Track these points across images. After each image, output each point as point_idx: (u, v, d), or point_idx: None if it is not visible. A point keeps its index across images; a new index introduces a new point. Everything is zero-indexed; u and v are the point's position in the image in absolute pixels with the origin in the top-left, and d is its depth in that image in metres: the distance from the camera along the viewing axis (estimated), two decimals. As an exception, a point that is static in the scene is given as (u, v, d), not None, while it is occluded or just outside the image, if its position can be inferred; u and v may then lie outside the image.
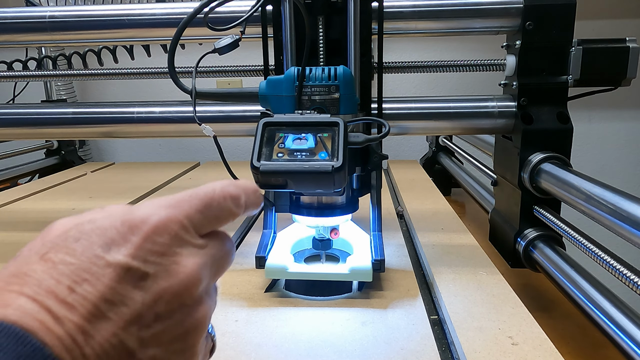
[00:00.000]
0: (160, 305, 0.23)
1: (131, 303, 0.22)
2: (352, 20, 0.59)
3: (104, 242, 0.22)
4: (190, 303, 0.24)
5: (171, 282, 0.23)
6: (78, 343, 0.20)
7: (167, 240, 0.24)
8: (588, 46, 0.63)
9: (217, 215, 0.27)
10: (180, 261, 0.24)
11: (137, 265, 0.22)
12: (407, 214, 0.90)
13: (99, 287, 0.21)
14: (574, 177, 0.56)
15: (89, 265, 0.22)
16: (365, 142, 0.50)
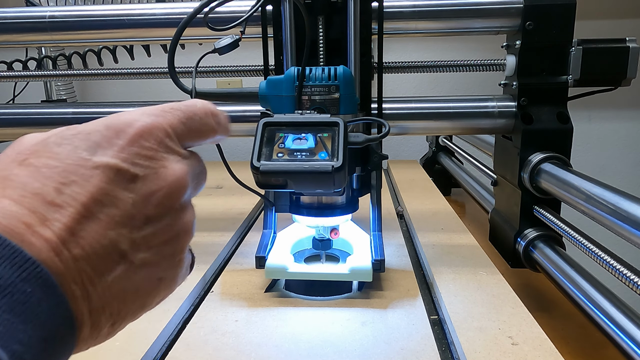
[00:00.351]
0: (150, 207, 0.22)
1: (121, 204, 0.21)
2: (352, 20, 0.59)
3: (89, 146, 0.22)
4: (178, 207, 0.24)
5: (160, 184, 0.23)
6: (67, 244, 0.19)
7: (154, 145, 0.24)
8: (588, 46, 0.63)
9: (198, 128, 0.27)
10: (167, 165, 0.24)
11: (126, 167, 0.22)
12: (407, 214, 0.90)
13: (88, 187, 0.21)
14: (574, 177, 0.56)
15: (75, 168, 0.21)
16: (365, 142, 0.50)
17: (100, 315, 0.21)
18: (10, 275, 0.17)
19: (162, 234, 0.23)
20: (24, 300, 0.17)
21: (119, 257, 0.21)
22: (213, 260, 0.67)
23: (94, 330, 0.21)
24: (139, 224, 0.22)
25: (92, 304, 0.20)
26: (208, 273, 0.65)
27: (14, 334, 0.17)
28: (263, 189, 0.50)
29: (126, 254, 0.21)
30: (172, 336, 0.51)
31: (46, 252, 0.19)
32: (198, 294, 0.60)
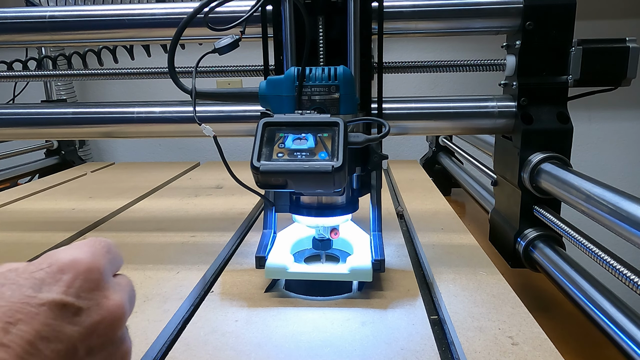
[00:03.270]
0: (94, 338, 0.23)
1: (66, 338, 0.22)
2: (352, 20, 0.59)
3: (33, 284, 0.23)
4: (118, 337, 0.25)
5: (103, 314, 0.24)
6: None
7: (98, 277, 0.25)
8: (588, 46, 0.63)
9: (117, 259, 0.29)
10: (109, 295, 0.25)
11: (71, 301, 0.23)
12: (407, 214, 0.90)
13: (34, 325, 0.21)
14: (574, 177, 0.56)
15: (21, 306, 0.22)
16: (365, 142, 0.50)
17: None
18: None
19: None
20: None
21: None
22: (213, 260, 0.67)
23: None
24: (82, 355, 0.23)
25: None
26: (208, 273, 0.65)
27: None
28: (263, 189, 0.50)
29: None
30: (172, 336, 0.51)
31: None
32: (198, 294, 0.60)
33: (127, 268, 0.65)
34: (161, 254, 0.71)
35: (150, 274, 0.64)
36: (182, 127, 0.74)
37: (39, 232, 0.82)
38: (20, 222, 0.91)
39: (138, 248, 0.74)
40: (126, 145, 1.86)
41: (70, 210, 0.98)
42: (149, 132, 0.76)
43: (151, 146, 1.84)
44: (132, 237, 0.80)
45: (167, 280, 0.61)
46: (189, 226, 0.83)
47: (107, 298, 0.25)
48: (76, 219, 0.89)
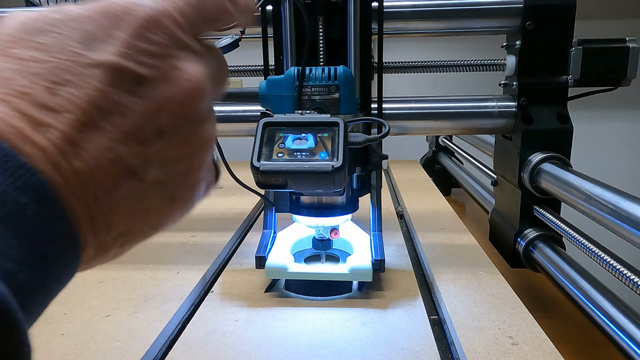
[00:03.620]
0: (163, 117, 0.19)
1: (128, 112, 0.18)
2: (352, 20, 0.59)
3: (83, 37, 0.18)
4: (195, 118, 0.20)
5: (174, 90, 0.19)
6: (66, 155, 0.16)
7: (162, 39, 0.19)
8: (588, 46, 0.63)
9: (212, 13, 0.21)
10: (181, 66, 0.19)
11: (130, 67, 0.18)
12: (407, 214, 0.90)
13: (87, 90, 0.17)
14: (574, 177, 0.56)
15: (69, 65, 0.17)
16: (365, 142, 0.50)
17: (105, 235, 0.18)
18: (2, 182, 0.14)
19: (176, 149, 0.20)
20: (17, 212, 0.14)
21: (128, 173, 0.18)
22: (213, 260, 0.67)
23: (99, 251, 0.18)
24: (149, 136, 0.18)
25: (96, 223, 0.17)
26: (208, 273, 0.65)
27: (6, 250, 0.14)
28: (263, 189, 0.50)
29: (135, 171, 0.18)
30: (172, 336, 0.51)
31: (42, 162, 0.16)
32: (198, 294, 0.60)
33: (127, 268, 0.65)
34: (161, 254, 0.71)
35: (150, 274, 0.64)
36: (182, 127, 0.74)
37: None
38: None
39: (138, 248, 0.74)
40: (126, 145, 1.86)
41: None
42: (149, 132, 0.76)
43: (151, 146, 1.84)
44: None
45: (167, 280, 0.61)
46: (189, 226, 0.83)
47: (177, 69, 0.19)
48: (76, 219, 0.89)
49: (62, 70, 0.17)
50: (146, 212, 0.19)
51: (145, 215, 0.19)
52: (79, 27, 0.18)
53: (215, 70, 0.22)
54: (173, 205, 0.21)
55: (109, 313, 0.53)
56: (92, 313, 0.53)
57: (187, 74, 0.19)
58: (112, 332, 0.49)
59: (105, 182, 0.17)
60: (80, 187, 0.17)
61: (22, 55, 0.17)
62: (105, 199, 0.18)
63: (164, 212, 0.20)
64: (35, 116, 0.16)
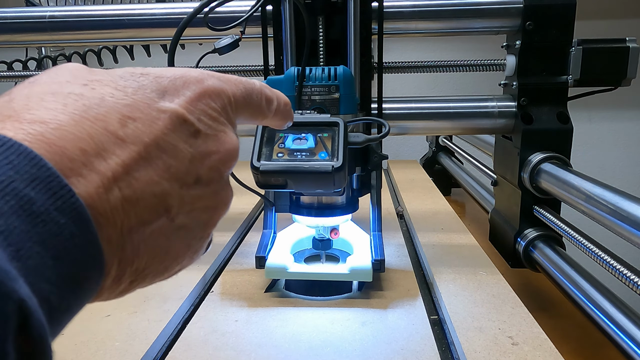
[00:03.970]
0: (204, 168, 0.21)
1: (180, 156, 0.20)
2: (352, 20, 0.59)
3: (157, 88, 0.20)
4: (225, 177, 0.23)
5: (218, 148, 0.22)
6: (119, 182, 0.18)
7: (218, 107, 0.22)
8: (588, 46, 0.63)
9: (252, 107, 0.25)
10: (227, 132, 0.23)
11: (192, 120, 0.21)
12: (407, 214, 0.90)
13: (153, 129, 0.19)
14: (574, 177, 0.56)
15: (142, 105, 0.19)
16: (365, 142, 0.50)
17: (126, 267, 0.19)
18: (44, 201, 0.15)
19: (206, 200, 0.22)
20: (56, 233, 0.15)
21: (164, 210, 0.20)
22: (213, 260, 0.67)
23: (114, 283, 0.19)
24: (190, 181, 0.21)
25: (124, 253, 0.18)
26: (208, 273, 0.65)
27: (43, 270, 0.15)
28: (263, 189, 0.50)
29: (170, 210, 0.20)
30: (172, 336, 0.51)
31: (93, 185, 0.17)
32: (198, 294, 0.60)
33: (127, 268, 0.65)
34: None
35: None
36: (182, 127, 0.74)
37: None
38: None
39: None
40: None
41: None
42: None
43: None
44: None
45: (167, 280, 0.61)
46: (189, 226, 0.83)
47: (225, 133, 0.22)
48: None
49: (135, 108, 0.19)
50: (166, 253, 0.21)
51: (164, 255, 0.21)
52: (156, 81, 0.21)
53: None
54: (187, 252, 0.22)
55: (109, 313, 0.53)
56: (92, 313, 0.53)
57: (230, 138, 0.23)
58: (112, 332, 0.49)
59: (143, 215, 0.19)
60: (121, 215, 0.18)
61: (101, 90, 0.19)
62: (139, 231, 0.19)
63: (179, 257, 0.22)
64: (104, 142, 0.17)
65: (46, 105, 0.17)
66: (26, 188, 0.15)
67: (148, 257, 0.20)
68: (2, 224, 0.14)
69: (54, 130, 0.16)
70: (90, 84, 0.19)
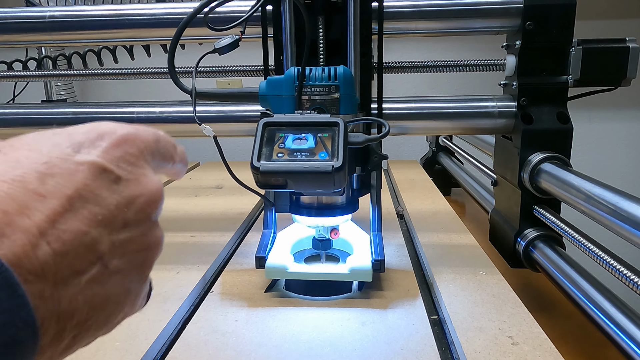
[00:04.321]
0: (131, 212, 0.22)
1: (104, 203, 0.21)
2: (352, 20, 0.59)
3: (72, 144, 0.21)
4: (154, 218, 0.24)
5: (142, 190, 0.23)
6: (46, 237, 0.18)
7: (135, 152, 0.23)
8: (588, 46, 0.63)
9: (163, 152, 0.27)
10: (148, 175, 0.24)
11: (110, 167, 0.21)
12: (407, 214, 0.90)
13: (72, 181, 0.20)
14: (574, 177, 0.56)
15: (59, 161, 0.20)
16: (365, 142, 0.50)
17: (67, 322, 0.19)
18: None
19: (136, 242, 0.23)
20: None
21: (96, 258, 0.20)
22: (213, 260, 0.67)
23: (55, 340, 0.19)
24: (118, 226, 0.21)
25: (62, 306, 0.19)
26: (208, 273, 0.65)
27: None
28: (263, 189, 0.50)
29: (103, 256, 0.20)
30: (172, 336, 0.51)
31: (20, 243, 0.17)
32: (198, 294, 0.60)
33: (127, 268, 0.65)
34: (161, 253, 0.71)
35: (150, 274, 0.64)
36: (182, 127, 0.74)
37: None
38: (20, 222, 0.90)
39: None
40: (126, 145, 1.86)
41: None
42: (149, 132, 0.76)
43: (151, 146, 1.84)
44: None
45: (167, 280, 0.61)
46: (188, 226, 0.83)
47: (146, 176, 0.23)
48: (76, 219, 0.89)
49: (53, 165, 0.20)
50: (105, 301, 0.21)
51: (104, 303, 0.21)
52: (70, 137, 0.22)
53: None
54: (127, 297, 0.23)
55: (109, 313, 0.53)
56: (92, 313, 0.53)
57: (152, 180, 0.24)
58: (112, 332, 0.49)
59: (76, 265, 0.19)
60: (52, 268, 0.18)
61: (19, 155, 0.20)
62: (73, 283, 0.19)
63: (120, 302, 0.23)
64: (25, 201, 0.18)
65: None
66: None
67: (88, 308, 0.20)
68: None
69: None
70: (3, 149, 0.20)
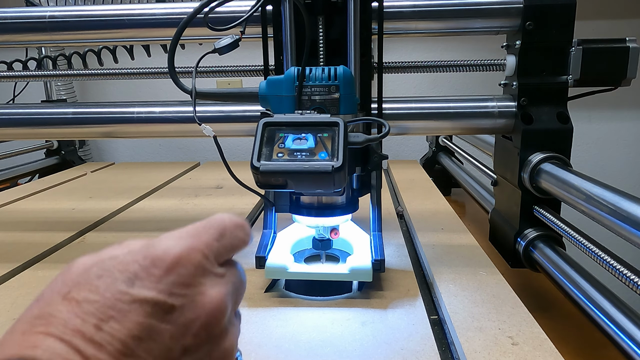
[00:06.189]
0: (188, 338, 0.22)
1: (159, 338, 0.21)
2: (352, 20, 0.59)
3: (127, 277, 0.22)
4: (217, 333, 0.24)
5: (198, 313, 0.23)
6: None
7: (191, 271, 0.23)
8: (588, 46, 0.63)
9: (231, 243, 0.26)
10: (205, 291, 0.24)
11: (163, 299, 0.22)
12: (407, 214, 0.90)
13: (126, 324, 0.21)
14: (574, 177, 0.56)
15: (114, 302, 0.21)
16: (365, 142, 0.50)
17: None
18: None
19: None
20: None
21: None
22: (213, 260, 0.67)
23: None
24: (176, 355, 0.22)
25: None
26: (208, 273, 0.64)
27: None
28: (263, 189, 0.50)
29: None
30: (172, 336, 0.50)
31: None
32: (198, 294, 0.60)
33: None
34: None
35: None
36: (182, 127, 0.74)
37: (39, 232, 0.82)
38: (20, 222, 0.91)
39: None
40: (126, 145, 1.86)
41: (70, 210, 0.98)
42: (149, 132, 0.76)
43: (151, 146, 1.84)
44: (132, 237, 0.80)
45: (167, 280, 0.61)
46: (189, 226, 0.82)
47: (202, 294, 0.23)
48: (76, 219, 0.89)
49: (108, 307, 0.21)
50: None
51: None
52: (126, 269, 0.22)
53: (236, 284, 0.26)
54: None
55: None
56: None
57: (210, 297, 0.23)
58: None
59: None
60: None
61: (78, 297, 0.21)
62: None
63: None
64: (85, 351, 0.20)
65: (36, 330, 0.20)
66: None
67: None
68: None
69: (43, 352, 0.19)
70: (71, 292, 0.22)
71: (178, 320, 0.22)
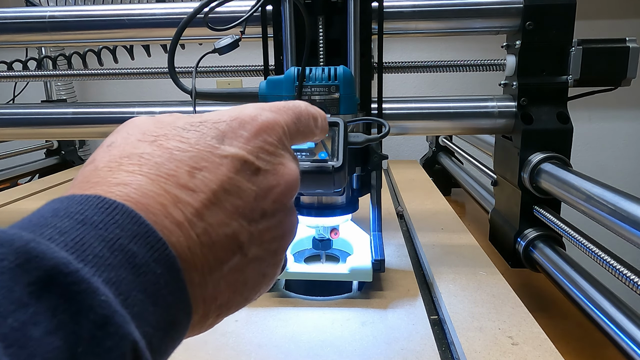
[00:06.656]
0: (268, 202, 0.23)
1: (245, 196, 0.22)
2: (352, 20, 0.59)
3: (216, 134, 0.22)
4: (289, 206, 0.24)
5: (279, 180, 0.23)
6: (195, 229, 0.20)
7: (275, 141, 0.24)
8: (588, 46, 0.63)
9: (303, 130, 0.27)
10: (285, 163, 0.24)
11: (251, 159, 0.22)
12: (407, 214, 0.90)
13: (218, 175, 0.21)
14: (574, 177, 0.56)
15: (206, 154, 0.21)
16: (365, 142, 0.50)
17: (211, 304, 0.21)
18: (144, 254, 0.17)
19: (273, 231, 0.23)
20: (154, 282, 0.17)
21: (237, 247, 0.21)
22: (213, 260, 0.67)
23: (202, 319, 0.21)
24: (257, 217, 0.22)
25: (207, 292, 0.20)
26: (208, 273, 0.64)
27: (146, 316, 0.17)
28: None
29: (243, 246, 0.22)
30: (172, 336, 0.50)
31: (176, 235, 0.19)
32: (198, 294, 0.60)
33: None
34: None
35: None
36: (182, 127, 0.74)
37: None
38: (20, 222, 0.90)
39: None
40: (126, 145, 1.86)
41: (70, 210, 0.98)
42: (149, 132, 0.76)
43: (151, 146, 1.84)
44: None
45: (167, 280, 0.61)
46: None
47: (283, 165, 0.24)
48: (76, 219, 0.89)
49: (200, 158, 0.21)
50: (243, 285, 0.23)
51: (242, 287, 0.23)
52: (214, 127, 0.22)
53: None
54: (263, 280, 0.24)
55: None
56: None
57: (289, 169, 0.24)
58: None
59: (220, 255, 0.21)
60: (201, 259, 0.20)
61: (168, 145, 0.21)
62: (217, 271, 0.21)
63: (256, 286, 0.24)
64: (178, 195, 0.20)
65: (125, 169, 0.20)
66: (130, 243, 0.17)
67: (229, 292, 0.22)
68: (114, 276, 0.16)
69: (136, 190, 0.19)
70: (158, 139, 0.21)
71: (262, 183, 0.22)
